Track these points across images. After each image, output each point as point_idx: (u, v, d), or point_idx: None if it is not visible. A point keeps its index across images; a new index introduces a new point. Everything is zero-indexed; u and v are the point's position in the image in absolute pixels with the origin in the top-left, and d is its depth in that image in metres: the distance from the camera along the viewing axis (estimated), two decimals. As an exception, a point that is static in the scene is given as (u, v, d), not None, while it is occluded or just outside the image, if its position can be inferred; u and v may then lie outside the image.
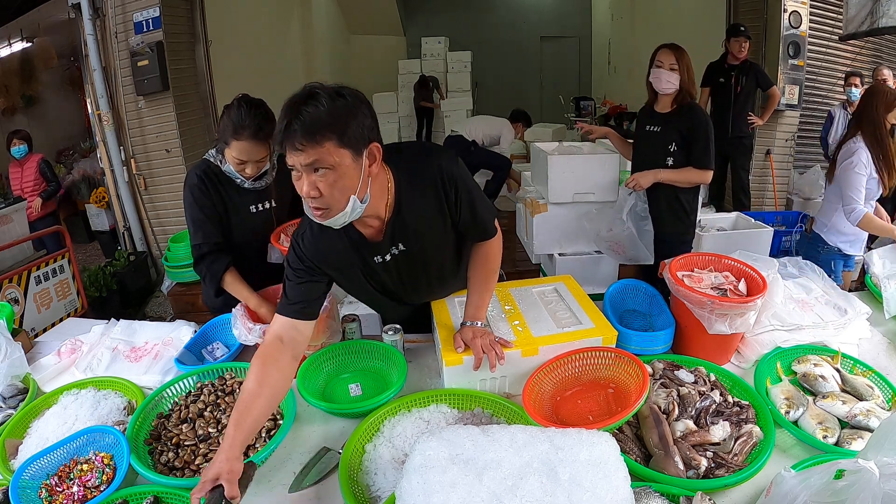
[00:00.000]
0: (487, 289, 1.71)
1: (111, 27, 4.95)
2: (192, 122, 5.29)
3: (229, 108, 1.95)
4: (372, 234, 1.55)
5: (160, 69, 4.83)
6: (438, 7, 12.06)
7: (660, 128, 2.92)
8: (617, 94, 10.30)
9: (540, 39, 12.55)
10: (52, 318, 4.26)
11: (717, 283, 1.76)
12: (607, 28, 11.20)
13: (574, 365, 1.61)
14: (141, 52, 4.81)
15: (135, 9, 4.85)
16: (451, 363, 1.58)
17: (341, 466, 1.35)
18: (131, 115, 5.15)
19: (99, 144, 5.38)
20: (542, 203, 3.48)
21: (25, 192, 5.46)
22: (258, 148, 1.95)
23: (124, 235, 5.61)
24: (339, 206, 1.33)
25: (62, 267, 4.43)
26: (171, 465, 1.45)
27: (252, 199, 2.11)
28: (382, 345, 1.81)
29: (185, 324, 2.16)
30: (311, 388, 1.65)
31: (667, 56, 2.80)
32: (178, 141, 5.11)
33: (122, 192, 5.32)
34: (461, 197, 1.54)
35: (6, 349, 2.01)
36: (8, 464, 1.58)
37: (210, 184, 2.08)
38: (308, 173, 1.28)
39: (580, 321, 1.71)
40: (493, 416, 1.52)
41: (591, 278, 3.40)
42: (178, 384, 1.71)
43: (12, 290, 4.00)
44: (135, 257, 5.41)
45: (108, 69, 5.06)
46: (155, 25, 4.83)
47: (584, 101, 10.25)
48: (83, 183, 7.31)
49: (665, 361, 1.65)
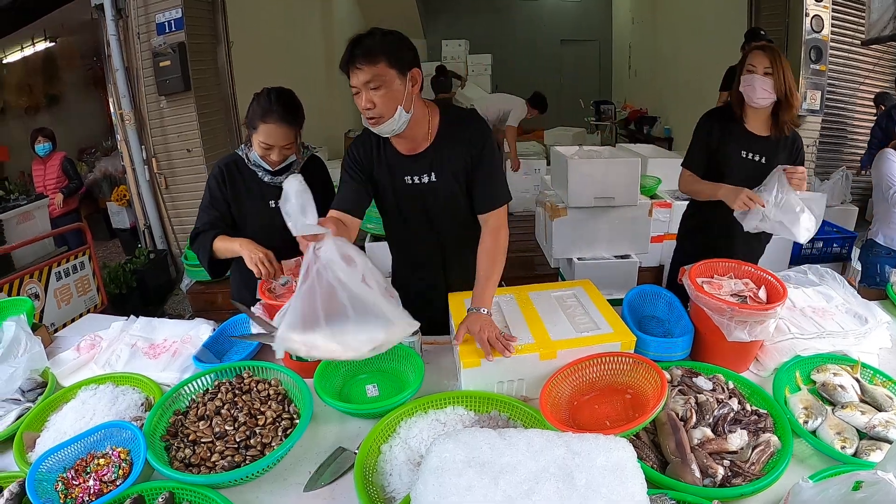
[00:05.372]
0: (493, 273, 1.78)
1: (133, 28, 5.00)
2: (213, 122, 5.33)
3: (258, 96, 2.03)
4: (408, 152, 1.86)
5: (182, 69, 4.88)
6: (459, 9, 12.07)
7: (764, 158, 2.34)
8: (637, 98, 10.26)
9: (560, 42, 12.51)
10: (72, 313, 4.29)
11: (736, 289, 1.75)
12: (628, 31, 11.14)
13: (592, 370, 1.61)
14: (163, 53, 4.86)
15: (157, 10, 4.90)
16: (469, 365, 1.58)
17: (357, 467, 1.35)
18: (153, 114, 5.20)
19: (121, 143, 5.44)
20: (561, 207, 3.48)
21: (48, 189, 5.54)
22: (285, 132, 2.01)
23: (145, 233, 5.66)
24: (389, 114, 1.68)
25: (83, 263, 4.47)
26: (188, 462, 1.46)
27: (273, 194, 2.13)
28: (400, 346, 1.80)
29: (204, 322, 2.18)
30: (328, 388, 1.66)
31: (760, 59, 2.20)
32: (199, 141, 5.15)
33: (144, 190, 5.38)
34: (485, 154, 1.84)
35: (26, 343, 2.04)
36: (25, 456, 1.60)
37: (229, 175, 2.15)
38: (366, 90, 1.64)
39: (598, 326, 1.71)
40: (510, 419, 1.52)
41: (610, 283, 3.37)
42: (195, 381, 1.72)
43: (33, 285, 4.05)
44: (155, 255, 5.47)
45: (131, 69, 5.11)
46: (177, 26, 4.88)
47: (604, 105, 10.22)
48: (105, 181, 7.40)
49: (683, 368, 1.64)
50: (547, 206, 3.67)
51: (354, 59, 1.62)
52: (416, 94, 1.74)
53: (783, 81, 2.19)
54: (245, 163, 2.14)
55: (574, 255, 3.61)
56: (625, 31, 11.39)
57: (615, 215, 3.56)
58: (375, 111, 1.67)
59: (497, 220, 1.87)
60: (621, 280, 3.53)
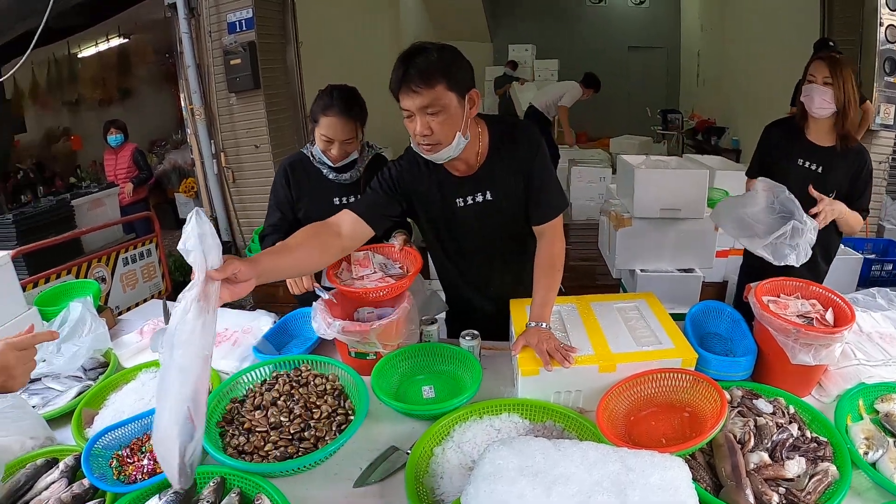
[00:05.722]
0: (552, 287, 1.73)
1: (205, 26, 5.13)
2: (281, 119, 5.41)
3: (322, 91, 2.06)
4: (459, 175, 1.76)
5: (252, 68, 4.97)
6: (526, 14, 11.93)
7: (821, 168, 2.30)
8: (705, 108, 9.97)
9: (627, 49, 12.24)
10: (137, 298, 4.46)
11: (803, 310, 1.68)
12: (696, 39, 10.84)
13: (651, 385, 1.57)
14: (234, 51, 4.97)
15: (228, 9, 5.01)
16: (527, 373, 1.56)
17: (408, 467, 1.35)
18: (223, 110, 5.32)
19: (190, 137, 5.58)
20: (626, 217, 3.42)
21: (119, 178, 5.73)
22: (345, 125, 2.03)
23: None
24: (448, 140, 1.56)
25: (149, 251, 4.64)
26: (241, 449, 1.47)
27: (337, 191, 2.18)
28: (459, 349, 1.81)
29: (266, 314, 2.22)
30: (384, 387, 1.66)
31: (820, 69, 2.18)
32: (268, 137, 5.23)
33: (211, 183, 5.50)
34: (538, 164, 1.73)
35: (91, 324, 2.12)
36: (83, 432, 1.66)
37: (294, 173, 2.19)
38: (421, 115, 1.52)
39: (660, 341, 1.66)
40: (565, 430, 1.49)
41: (673, 297, 3.27)
42: (254, 371, 1.75)
43: (101, 269, 4.22)
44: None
45: (202, 66, 5.24)
46: (248, 26, 4.97)
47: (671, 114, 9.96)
48: (173, 173, 7.67)
49: (744, 389, 1.58)
50: (611, 216, 3.61)
51: (408, 80, 1.48)
52: (474, 116, 1.64)
53: (843, 92, 2.16)
54: (310, 160, 2.17)
55: (637, 267, 3.55)
56: (693, 38, 11.10)
57: (681, 228, 3.47)
58: (433, 138, 1.55)
59: (553, 231, 1.80)
60: (684, 294, 3.44)
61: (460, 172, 1.76)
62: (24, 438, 1.57)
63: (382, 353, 1.77)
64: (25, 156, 9.10)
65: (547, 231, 1.79)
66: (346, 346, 1.81)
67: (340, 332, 1.72)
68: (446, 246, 1.94)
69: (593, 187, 5.88)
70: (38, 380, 1.97)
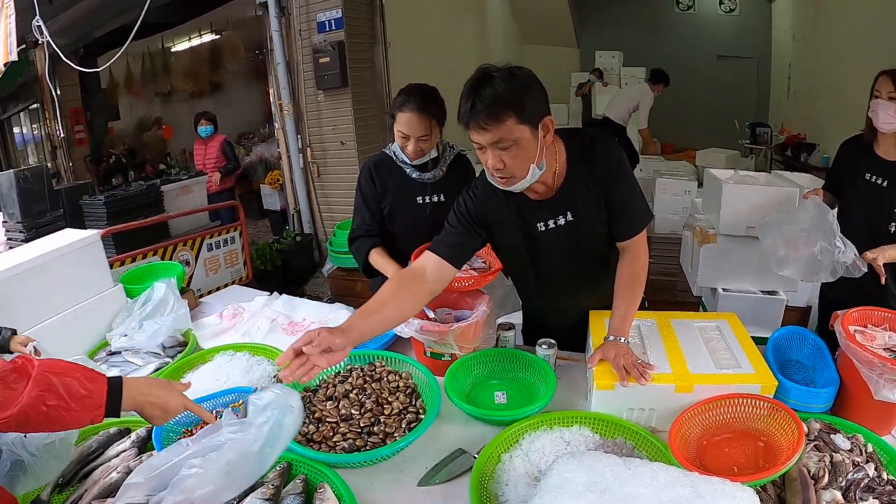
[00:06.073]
0: (633, 302, 1.66)
1: (295, 25, 5.27)
2: (367, 118, 5.49)
3: (402, 89, 2.09)
4: (538, 198, 1.68)
5: (340, 67, 5.07)
6: (613, 19, 11.66)
7: (886, 182, 2.25)
8: (795, 122, 9.44)
9: (716, 59, 11.74)
10: (218, 282, 4.60)
11: (891, 343, 1.56)
12: (787, 49, 10.26)
13: (727, 410, 1.49)
14: (323, 50, 5.08)
15: (318, 9, 5.13)
16: (602, 387, 1.51)
17: (474, 471, 1.33)
18: (311, 107, 5.45)
19: (278, 131, 5.77)
20: (711, 233, 3.29)
21: (207, 167, 5.92)
22: (421, 122, 2.03)
23: (293, 217, 5.95)
24: (522, 174, 1.50)
25: (233, 238, 4.78)
26: (310, 437, 1.49)
27: (419, 190, 2.18)
28: (534, 357, 1.77)
29: (344, 307, 2.26)
30: (457, 389, 1.65)
31: (885, 84, 2.16)
32: (354, 135, 5.32)
33: (296, 177, 5.65)
34: (619, 177, 1.63)
35: (173, 304, 2.21)
36: None
37: (377, 172, 2.20)
38: (493, 149, 1.45)
39: (740, 364, 1.58)
40: (635, 448, 1.44)
41: (754, 320, 3.07)
42: None
43: (185, 252, 4.39)
44: (301, 238, 5.75)
45: (291, 63, 5.39)
46: (337, 26, 5.08)
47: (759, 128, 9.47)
48: (260, 165, 7.96)
49: (822, 422, 1.48)
50: (696, 231, 3.47)
51: (477, 115, 1.40)
52: (549, 142, 1.53)
53: None
54: (393, 160, 2.19)
55: (719, 286, 3.40)
56: (784, 48, 10.53)
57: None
58: (506, 171, 1.49)
59: (637, 245, 1.72)
60: (765, 317, 3.27)
61: (539, 195, 1.68)
62: None
63: (458, 354, 1.77)
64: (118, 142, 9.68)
65: (631, 246, 1.72)
66: (422, 345, 1.81)
67: (418, 332, 1.73)
68: (528, 272, 1.87)
69: (678, 200, 5.67)
70: (119, 353, 2.07)
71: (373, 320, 1.49)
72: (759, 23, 11.46)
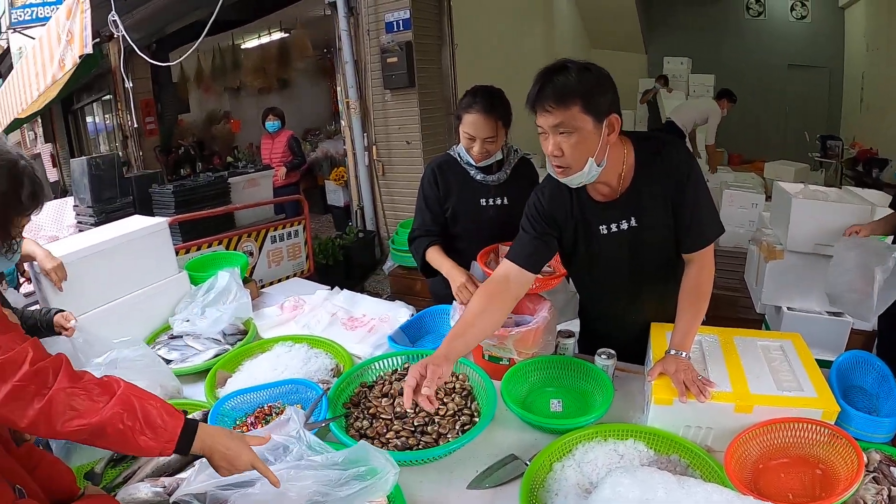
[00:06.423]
0: (696, 316, 1.62)
1: (364, 25, 5.33)
2: (433, 118, 5.51)
3: (468, 91, 2.09)
4: (602, 200, 1.67)
5: (408, 67, 5.10)
6: (682, 25, 11.31)
7: None
8: (868, 136, 8.95)
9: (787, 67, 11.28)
10: (280, 274, 4.72)
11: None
12: (861, 59, 9.71)
13: (786, 434, 1.43)
14: (390, 50, 5.11)
15: (387, 10, 5.17)
16: (660, 402, 1.48)
17: (525, 477, 1.32)
18: (377, 105, 5.50)
19: (344, 129, 5.84)
20: (778, 249, 3.18)
21: (273, 161, 6.04)
22: (487, 123, 2.03)
23: (357, 213, 6.02)
24: (578, 166, 1.50)
25: (297, 232, 4.89)
26: (363, 433, 1.51)
27: (483, 193, 2.18)
28: (593, 366, 1.75)
29: (404, 305, 2.28)
30: (513, 394, 1.64)
31: None
32: (419, 135, 5.34)
33: (361, 174, 5.72)
34: (690, 186, 1.59)
35: (236, 293, 2.27)
36: (215, 391, 1.77)
37: (441, 174, 2.22)
38: (554, 134, 1.47)
39: (802, 387, 1.51)
40: (690, 467, 1.40)
41: (818, 341, 2.95)
42: (387, 360, 1.78)
43: (249, 243, 4.52)
44: (363, 235, 5.82)
45: (359, 62, 5.45)
46: (405, 26, 5.11)
47: (830, 141, 9.07)
48: (325, 161, 8.07)
49: (882, 454, 1.41)
50: (762, 246, 3.36)
51: (544, 98, 1.45)
52: (613, 142, 1.53)
53: None
54: (457, 161, 2.20)
55: (784, 304, 3.28)
56: (857, 58, 9.99)
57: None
58: (563, 160, 1.49)
59: (704, 258, 1.66)
60: (829, 339, 3.14)
61: (603, 197, 1.66)
62: (156, 385, 1.69)
63: (516, 359, 1.76)
64: (187, 134, 9.97)
65: (697, 258, 1.67)
66: (480, 347, 1.81)
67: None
68: (588, 274, 1.86)
69: (744, 213, 5.49)
70: (180, 337, 2.15)
71: (468, 338, 1.54)
72: (831, 31, 10.87)
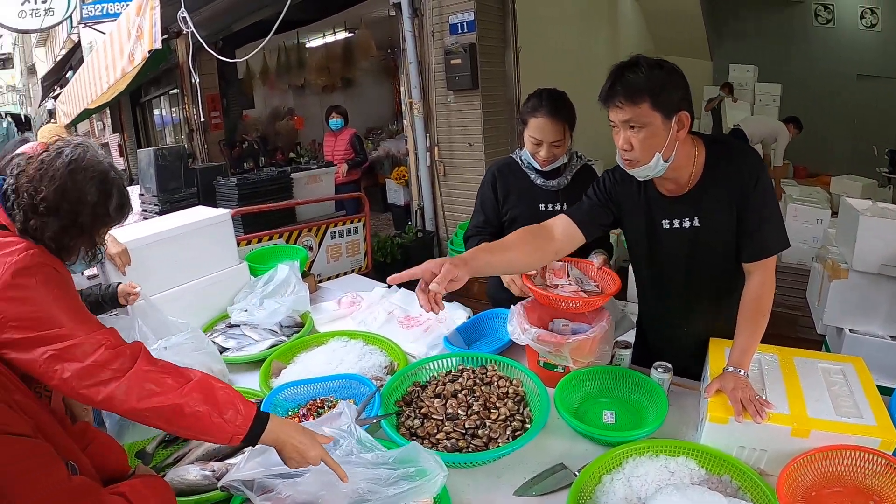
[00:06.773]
0: (755, 333, 1.59)
1: (428, 26, 5.38)
2: (496, 121, 5.51)
3: (532, 94, 2.09)
4: (668, 195, 1.69)
5: (471, 69, 5.12)
6: (748, 31, 10.90)
7: None
8: (938, 152, 8.54)
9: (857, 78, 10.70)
10: (338, 269, 4.80)
11: None
12: None
13: (843, 462, 1.38)
14: (454, 51, 5.15)
15: (451, 11, 5.21)
16: (715, 420, 1.45)
17: (573, 488, 1.32)
18: (440, 106, 5.55)
19: (406, 129, 5.90)
20: (843, 268, 3.06)
21: (336, 158, 6.14)
22: (553, 127, 2.03)
23: (417, 213, 6.07)
24: (646, 159, 1.53)
25: (356, 228, 4.98)
26: (414, 432, 1.53)
27: (543, 198, 2.18)
28: (648, 379, 1.72)
29: (462, 308, 2.28)
30: (566, 403, 1.64)
31: None
32: (482, 137, 5.36)
33: (422, 174, 5.77)
34: (757, 193, 1.59)
35: (295, 286, 2.33)
36: (269, 381, 1.81)
37: (501, 178, 2.23)
38: (624, 129, 1.52)
39: (861, 414, 1.45)
40: (740, 489, 1.37)
41: (879, 367, 2.82)
42: (441, 360, 1.80)
43: (309, 238, 4.62)
44: (422, 234, 5.87)
45: (423, 63, 5.51)
46: (469, 28, 5.14)
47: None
48: (386, 160, 8.18)
49: None
50: (827, 264, 3.24)
51: (615, 94, 1.50)
52: (682, 138, 1.55)
53: None
54: (518, 165, 2.20)
55: (846, 326, 3.15)
56: None
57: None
58: (632, 154, 1.54)
59: (765, 271, 1.62)
60: (892, 365, 3.01)
61: (669, 192, 1.69)
62: (203, 367, 1.70)
63: (571, 367, 1.75)
64: (251, 129, 10.28)
65: (757, 271, 1.63)
66: (536, 354, 1.80)
67: (535, 340, 1.72)
68: (648, 269, 1.86)
69: (809, 229, 5.30)
70: (238, 326, 2.21)
71: (495, 258, 1.58)
72: (901, 38, 10.27)
